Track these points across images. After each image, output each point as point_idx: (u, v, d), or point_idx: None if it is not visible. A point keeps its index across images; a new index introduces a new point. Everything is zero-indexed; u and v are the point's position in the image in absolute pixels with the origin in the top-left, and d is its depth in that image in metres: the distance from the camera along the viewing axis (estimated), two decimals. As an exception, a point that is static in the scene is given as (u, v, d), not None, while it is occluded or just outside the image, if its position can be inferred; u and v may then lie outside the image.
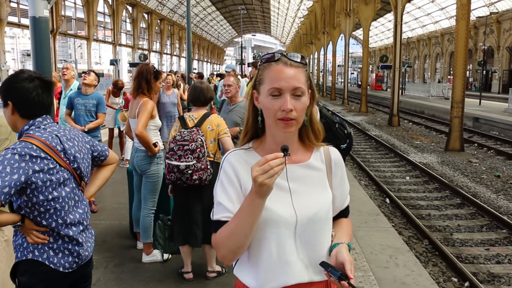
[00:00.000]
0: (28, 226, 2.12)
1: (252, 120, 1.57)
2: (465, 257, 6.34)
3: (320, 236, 1.52)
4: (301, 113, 1.46)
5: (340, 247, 1.50)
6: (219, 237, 1.45)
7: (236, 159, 1.54)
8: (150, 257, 4.50)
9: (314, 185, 1.55)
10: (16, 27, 32.79)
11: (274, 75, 1.45)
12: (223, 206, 1.47)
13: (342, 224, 1.69)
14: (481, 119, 20.29)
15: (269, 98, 1.45)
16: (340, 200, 1.66)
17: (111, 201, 6.45)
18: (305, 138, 1.58)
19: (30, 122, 2.17)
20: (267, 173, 1.26)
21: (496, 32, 45.14)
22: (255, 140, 1.59)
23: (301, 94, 1.45)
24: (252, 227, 1.38)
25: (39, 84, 2.17)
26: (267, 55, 1.51)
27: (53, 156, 2.10)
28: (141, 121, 4.21)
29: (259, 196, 1.31)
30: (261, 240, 1.47)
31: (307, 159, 1.57)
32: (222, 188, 1.50)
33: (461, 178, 11.02)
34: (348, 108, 32.87)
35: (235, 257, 1.48)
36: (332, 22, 43.90)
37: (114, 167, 2.59)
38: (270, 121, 1.47)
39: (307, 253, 1.49)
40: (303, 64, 1.50)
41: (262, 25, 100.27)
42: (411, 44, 68.72)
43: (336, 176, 1.62)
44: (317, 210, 1.51)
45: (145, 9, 50.31)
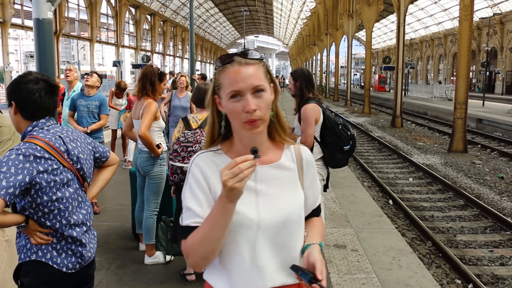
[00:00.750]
0: (32, 227, 2.12)
1: (217, 125, 1.52)
2: (469, 259, 6.32)
3: (293, 238, 1.48)
4: (266, 110, 1.41)
5: (312, 248, 1.46)
6: (189, 244, 1.39)
7: (205, 162, 1.48)
8: (152, 259, 4.50)
9: (286, 186, 1.51)
10: (20, 28, 32.93)
11: (231, 78, 1.40)
12: (193, 211, 1.42)
13: (314, 224, 1.64)
14: (484, 120, 20.24)
15: (230, 102, 1.39)
16: (312, 200, 1.61)
17: (114, 203, 6.45)
18: (275, 134, 1.53)
19: (34, 123, 2.18)
20: (237, 177, 1.21)
21: (499, 33, 45.05)
22: (224, 142, 1.53)
23: (262, 91, 1.40)
24: (223, 232, 1.34)
25: (44, 87, 2.18)
26: (221, 58, 1.47)
27: (56, 157, 2.11)
28: (144, 122, 4.21)
29: (229, 201, 1.27)
30: (232, 245, 1.43)
31: (278, 159, 1.52)
32: (191, 193, 1.45)
33: (465, 180, 10.99)
34: (351, 110, 32.84)
35: (207, 263, 1.43)
36: (335, 24, 43.90)
37: (115, 168, 2.60)
38: (236, 125, 1.43)
39: (280, 256, 1.46)
40: (260, 60, 1.44)
41: (265, 26, 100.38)
42: (414, 45, 68.65)
43: (307, 176, 1.58)
44: (290, 211, 1.47)
45: (148, 11, 50.45)
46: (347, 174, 8.54)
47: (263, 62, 1.47)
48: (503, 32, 44.89)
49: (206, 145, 1.55)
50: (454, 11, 49.21)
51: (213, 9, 71.18)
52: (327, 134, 4.28)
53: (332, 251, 4.87)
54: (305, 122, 4.19)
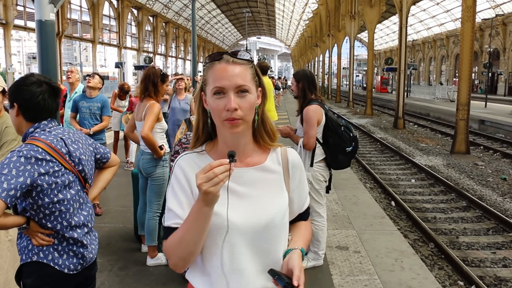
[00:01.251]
0: (33, 228, 2.12)
1: (202, 123, 1.51)
2: (471, 260, 6.30)
3: (276, 242, 1.46)
4: (248, 111, 1.40)
5: (292, 253, 1.44)
6: (169, 245, 1.40)
7: (187, 163, 1.48)
8: (154, 260, 4.50)
9: (270, 189, 1.49)
10: (22, 30, 33.02)
11: (217, 74, 1.40)
12: (174, 212, 1.42)
13: (300, 228, 1.62)
14: (487, 122, 20.21)
15: (213, 98, 1.39)
16: (298, 203, 1.59)
17: (116, 204, 6.46)
18: (259, 138, 1.52)
19: (36, 125, 2.18)
20: (212, 181, 1.21)
21: (502, 34, 44.99)
22: (208, 143, 1.53)
23: (246, 92, 1.39)
24: (201, 235, 1.34)
25: (46, 89, 2.19)
26: (211, 55, 1.46)
27: (58, 158, 2.11)
28: (147, 123, 4.22)
29: (205, 204, 1.27)
30: (212, 246, 1.42)
31: (263, 162, 1.51)
32: (173, 194, 1.45)
33: (467, 181, 10.97)
34: (353, 111, 32.82)
35: (186, 265, 1.43)
36: (337, 25, 43.92)
37: (116, 169, 2.60)
38: (217, 122, 1.42)
39: (261, 259, 1.44)
40: (248, 61, 1.44)
41: (267, 27, 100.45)
42: (416, 46, 68.60)
43: (294, 179, 1.56)
44: (273, 215, 1.45)
45: (150, 12, 50.54)
46: (349, 176, 8.53)
47: (252, 64, 1.46)
48: (506, 33, 44.82)
49: (192, 144, 1.55)
50: (457, 12, 49.19)
51: (215, 11, 71.28)
52: (329, 135, 4.28)
53: (334, 253, 4.86)
54: (307, 124, 4.19)
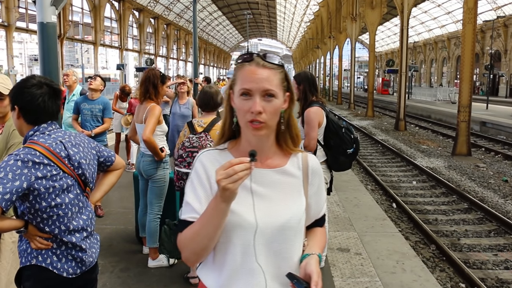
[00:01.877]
0: (31, 232, 2.11)
1: (229, 121, 1.52)
2: (473, 262, 6.29)
3: (290, 245, 1.47)
4: (272, 116, 1.41)
5: (310, 258, 1.45)
6: (183, 238, 1.41)
7: (208, 159, 1.50)
8: (156, 262, 4.50)
9: (288, 192, 1.50)
10: (24, 32, 33.08)
11: (245, 76, 1.41)
12: (191, 206, 1.44)
13: (316, 234, 1.63)
14: (488, 123, 20.19)
15: (240, 99, 1.41)
16: (315, 209, 1.60)
17: (117, 206, 6.46)
18: (282, 142, 1.53)
19: (35, 128, 2.17)
20: (231, 178, 1.22)
21: (503, 36, 44.98)
22: (231, 141, 1.55)
23: (272, 97, 1.40)
24: (216, 231, 1.34)
25: (47, 91, 2.18)
26: (243, 55, 1.48)
27: (56, 162, 2.09)
28: (148, 126, 4.22)
29: (223, 200, 1.27)
30: (227, 244, 1.43)
31: (283, 165, 1.52)
32: (191, 188, 1.47)
33: (469, 183, 10.95)
34: (355, 113, 32.81)
35: (198, 259, 1.44)
36: (338, 27, 43.94)
37: (120, 172, 2.58)
38: (241, 122, 1.44)
39: (275, 262, 1.44)
40: (278, 66, 1.45)
41: (268, 29, 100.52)
42: (417, 48, 68.58)
43: (312, 185, 1.57)
44: (289, 218, 1.45)
45: (152, 14, 50.60)
46: (350, 178, 8.53)
47: (282, 69, 1.47)
48: (507, 35, 44.80)
49: (217, 140, 1.57)
50: (458, 14, 49.17)
51: (216, 13, 71.34)
52: (330, 137, 4.28)
53: (335, 255, 4.86)
54: (308, 125, 4.19)
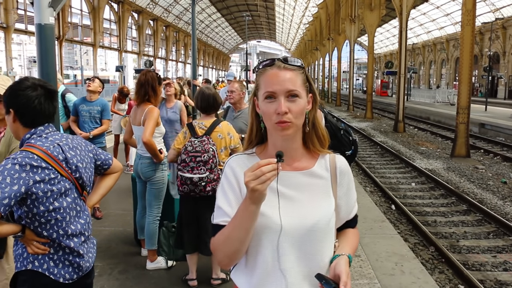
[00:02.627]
0: (28, 236, 2.08)
1: (255, 127, 1.55)
2: (472, 264, 6.29)
3: (320, 246, 1.48)
4: (298, 115, 1.43)
5: (339, 259, 1.46)
6: (216, 241, 1.44)
7: (237, 163, 1.53)
8: (154, 264, 4.49)
9: (317, 194, 1.51)
10: (23, 34, 33.06)
11: (268, 79, 1.44)
12: (223, 210, 1.47)
13: (347, 235, 1.64)
14: (487, 125, 20.20)
15: (265, 102, 1.44)
16: (345, 210, 1.61)
17: (116, 208, 6.45)
18: (309, 143, 1.55)
19: (32, 131, 2.13)
20: (259, 179, 1.24)
21: (501, 37, 45.05)
22: (259, 145, 1.57)
23: (296, 97, 1.43)
24: (247, 233, 1.36)
25: (42, 93, 2.14)
26: (263, 61, 1.51)
27: (54, 165, 2.05)
28: (148, 129, 4.21)
29: (252, 202, 1.29)
30: (258, 247, 1.45)
31: (311, 167, 1.54)
32: (222, 192, 1.50)
33: (467, 185, 10.95)
34: (354, 114, 32.83)
35: (231, 262, 1.46)
36: (337, 28, 43.98)
37: (118, 175, 2.55)
38: (268, 126, 1.47)
39: (305, 263, 1.46)
40: (299, 67, 1.48)
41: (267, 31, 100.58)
42: (416, 50, 68.66)
43: (341, 186, 1.58)
44: (318, 219, 1.47)
45: (151, 16, 50.63)
46: (349, 179, 8.51)
47: (303, 70, 1.49)
48: (505, 37, 44.88)
49: (245, 146, 1.60)
50: (456, 16, 49.27)
51: (215, 14, 71.40)
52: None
53: (334, 257, 4.84)
54: (307, 127, 4.18)
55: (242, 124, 4.93)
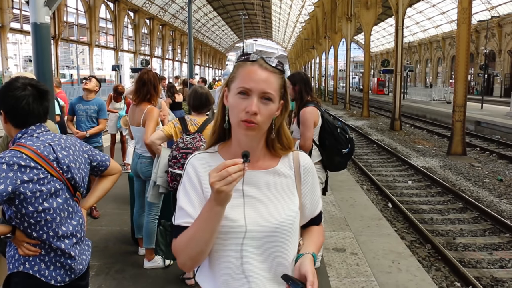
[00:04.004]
0: (19, 237, 2.05)
1: (220, 119, 1.51)
2: (468, 261, 6.31)
3: (284, 247, 1.46)
4: (266, 119, 1.40)
5: (304, 258, 1.44)
6: (178, 243, 1.40)
7: (199, 162, 1.49)
8: (152, 263, 4.49)
9: (281, 193, 1.49)
10: (19, 33, 32.95)
11: (246, 75, 1.40)
12: (185, 211, 1.42)
13: (312, 233, 1.61)
14: (483, 123, 20.26)
15: (237, 97, 1.40)
16: (310, 208, 1.59)
17: (113, 207, 6.44)
18: (271, 147, 1.52)
19: (23, 131, 2.10)
20: (225, 180, 1.20)
21: (497, 36, 45.16)
22: (221, 143, 1.54)
23: (270, 100, 1.39)
24: (211, 235, 1.33)
25: (31, 92, 2.10)
26: (247, 54, 1.47)
27: (44, 165, 2.02)
28: (149, 129, 4.21)
29: (217, 203, 1.26)
30: (220, 249, 1.42)
31: (274, 165, 1.51)
32: (184, 192, 1.46)
33: (464, 182, 10.99)
34: (350, 113, 32.87)
35: (195, 264, 1.43)
36: (334, 27, 43.98)
37: (116, 177, 2.50)
38: (233, 121, 1.42)
39: (270, 264, 1.43)
40: (279, 71, 1.45)
41: (263, 30, 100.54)
42: (412, 48, 68.77)
43: (306, 184, 1.55)
44: (282, 220, 1.44)
45: (147, 15, 50.51)
46: (346, 178, 8.54)
47: (282, 75, 1.46)
48: (501, 35, 45.00)
49: (208, 139, 1.56)
50: (452, 14, 49.35)
51: (211, 13, 71.28)
52: (325, 137, 4.28)
53: (331, 255, 4.86)
54: (304, 125, 4.19)
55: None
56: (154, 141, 3.99)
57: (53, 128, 3.18)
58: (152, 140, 4.01)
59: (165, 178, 3.91)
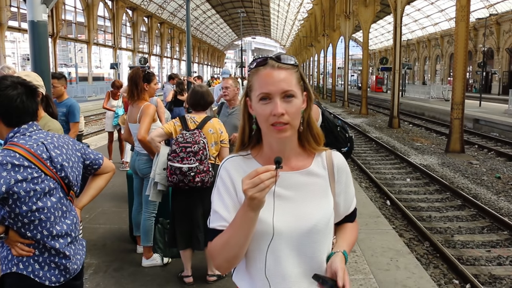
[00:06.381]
0: (12, 238, 2.02)
1: (248, 128, 1.50)
2: (466, 259, 6.32)
3: (320, 246, 1.46)
4: (295, 116, 1.39)
5: (335, 256, 1.45)
6: (214, 246, 1.41)
7: (233, 166, 1.49)
8: (150, 261, 4.48)
9: (315, 194, 1.48)
10: (17, 31, 32.89)
11: (262, 80, 1.39)
12: (219, 214, 1.43)
13: (345, 230, 1.62)
14: (481, 121, 20.28)
15: (259, 104, 1.39)
16: (344, 206, 1.59)
17: (111, 205, 6.44)
18: (305, 143, 1.51)
19: (15, 129, 2.07)
20: (257, 187, 1.21)
21: (495, 33, 45.18)
22: (254, 147, 1.52)
23: (292, 96, 1.38)
24: (246, 239, 1.34)
25: (23, 91, 2.08)
26: (256, 60, 1.45)
27: (37, 164, 1.99)
28: (143, 126, 4.22)
29: (251, 209, 1.26)
30: (256, 251, 1.43)
31: (308, 166, 1.50)
32: (218, 196, 1.46)
33: (462, 180, 11.00)
34: (349, 110, 32.88)
35: (230, 267, 1.44)
36: (332, 25, 43.97)
37: (109, 176, 2.48)
38: (264, 128, 1.42)
39: (305, 264, 1.44)
40: (293, 66, 1.43)
41: (262, 28, 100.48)
42: (411, 46, 68.79)
43: (339, 183, 1.55)
44: (317, 221, 1.44)
45: (145, 13, 50.46)
46: (344, 175, 8.52)
47: (297, 69, 1.44)
48: (499, 33, 45.01)
49: (237, 149, 1.54)
50: (451, 12, 49.34)
51: (210, 11, 71.24)
52: (325, 135, 4.26)
53: (329, 252, 4.86)
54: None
55: (236, 121, 4.93)
56: (154, 138, 4.00)
57: (57, 128, 3.19)
58: (151, 137, 4.02)
59: (163, 175, 3.91)
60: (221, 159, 4.03)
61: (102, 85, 40.44)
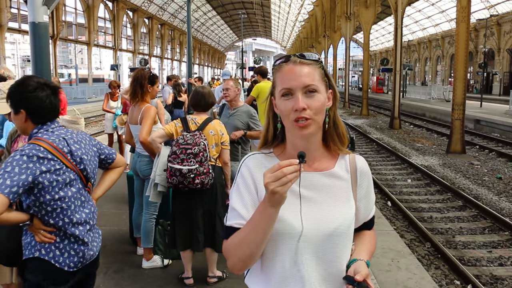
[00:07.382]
0: (36, 225, 2.21)
1: (272, 127, 1.47)
2: (468, 259, 6.31)
3: (340, 250, 1.42)
4: (318, 111, 1.35)
5: (359, 264, 1.41)
6: (229, 245, 1.37)
7: (255, 163, 1.44)
8: (150, 263, 4.48)
9: (337, 196, 1.44)
10: (17, 32, 32.92)
11: (284, 76, 1.38)
12: (237, 212, 1.39)
13: (364, 238, 1.58)
14: (482, 121, 20.27)
15: (281, 100, 1.37)
16: (364, 213, 1.56)
17: (111, 206, 6.43)
18: (330, 142, 1.47)
19: (39, 126, 2.27)
20: (280, 181, 1.17)
21: (496, 34, 45.16)
22: (277, 145, 1.49)
23: (315, 92, 1.35)
24: (263, 237, 1.29)
25: (50, 92, 2.27)
26: (280, 58, 1.44)
27: (59, 157, 2.19)
28: (144, 128, 4.21)
29: (271, 205, 1.22)
30: (274, 252, 1.39)
31: (331, 167, 1.46)
32: (237, 193, 1.42)
33: (463, 180, 10.99)
34: (350, 111, 32.87)
35: (245, 267, 1.39)
36: (333, 26, 43.98)
37: (121, 170, 2.68)
38: (287, 125, 1.39)
39: (324, 268, 1.40)
40: (316, 61, 1.40)
41: (262, 29, 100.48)
42: (411, 47, 68.77)
43: (361, 187, 1.52)
44: (338, 224, 1.40)
45: (146, 14, 50.50)
46: (345, 176, 8.52)
47: (320, 64, 1.42)
48: (500, 33, 44.99)
49: (259, 147, 1.51)
50: (451, 13, 49.33)
51: (210, 12, 71.28)
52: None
53: (330, 253, 4.85)
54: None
55: (237, 122, 4.93)
56: (155, 139, 4.01)
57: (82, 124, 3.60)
58: (153, 138, 4.03)
59: (163, 176, 3.91)
60: (221, 161, 4.02)
61: (102, 87, 40.42)
